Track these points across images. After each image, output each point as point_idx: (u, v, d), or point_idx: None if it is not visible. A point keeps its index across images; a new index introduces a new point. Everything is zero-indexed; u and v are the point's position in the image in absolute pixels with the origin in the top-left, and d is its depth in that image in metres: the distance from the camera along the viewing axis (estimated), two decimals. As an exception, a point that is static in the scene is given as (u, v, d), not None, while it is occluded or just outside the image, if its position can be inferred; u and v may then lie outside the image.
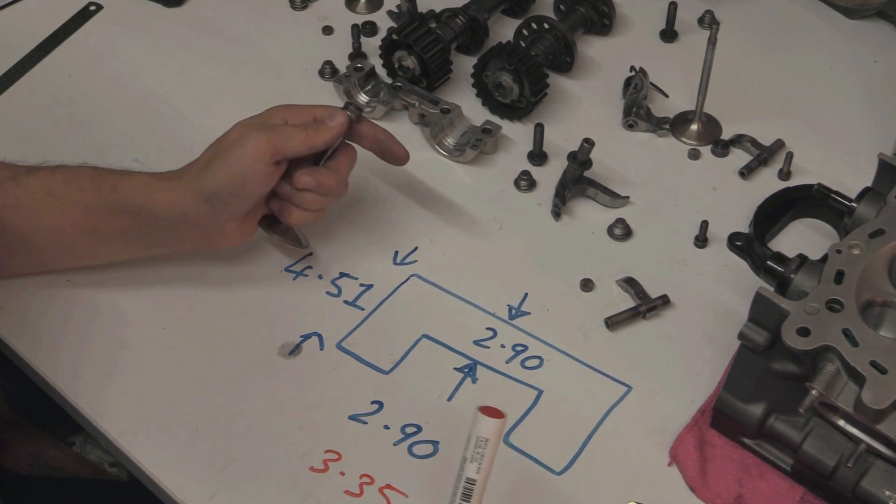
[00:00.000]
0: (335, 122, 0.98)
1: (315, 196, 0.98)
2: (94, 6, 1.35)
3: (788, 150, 1.15)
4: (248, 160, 0.94)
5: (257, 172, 0.95)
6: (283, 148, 0.95)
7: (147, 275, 1.05)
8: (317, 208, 1.00)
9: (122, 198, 0.96)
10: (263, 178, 0.95)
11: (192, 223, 0.97)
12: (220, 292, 1.05)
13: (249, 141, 0.94)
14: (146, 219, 0.97)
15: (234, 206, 0.96)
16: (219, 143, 0.97)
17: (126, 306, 1.03)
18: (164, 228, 0.98)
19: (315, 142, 0.97)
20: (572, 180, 1.11)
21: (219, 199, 0.95)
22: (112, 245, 1.00)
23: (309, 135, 0.97)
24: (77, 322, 1.02)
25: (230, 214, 0.97)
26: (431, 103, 1.19)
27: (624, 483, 0.91)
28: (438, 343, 1.01)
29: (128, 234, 0.98)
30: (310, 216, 1.00)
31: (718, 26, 1.10)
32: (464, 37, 1.26)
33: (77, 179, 0.97)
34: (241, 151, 0.94)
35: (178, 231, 0.98)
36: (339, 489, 0.91)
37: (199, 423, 0.95)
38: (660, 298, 1.03)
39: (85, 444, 1.25)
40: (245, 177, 0.94)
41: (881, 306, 0.84)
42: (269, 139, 0.94)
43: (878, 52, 1.29)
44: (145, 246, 1.01)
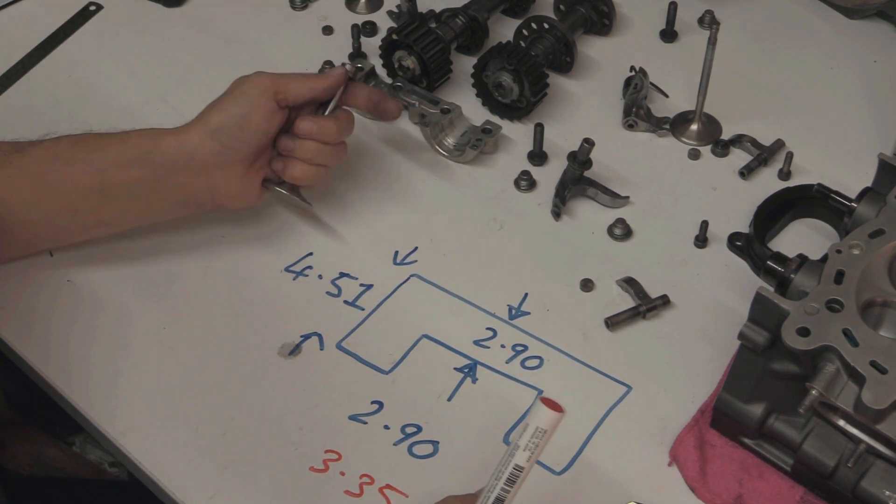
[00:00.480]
0: (334, 72, 1.04)
1: (316, 145, 1.01)
2: (94, 6, 1.35)
3: (788, 150, 1.15)
4: (252, 94, 0.99)
5: (261, 106, 0.99)
6: (286, 86, 1.00)
7: (147, 275, 1.05)
8: (318, 161, 1.02)
9: (130, 147, 0.99)
10: (267, 113, 0.99)
11: (198, 165, 0.99)
12: (220, 292, 1.05)
13: (253, 78, 1.00)
14: (153, 166, 0.98)
15: (239, 140, 0.99)
16: (226, 90, 1.01)
17: (126, 306, 1.03)
18: (170, 176, 0.99)
19: (316, 85, 1.02)
20: (572, 180, 1.11)
21: (224, 133, 0.98)
22: (119, 204, 1.00)
23: (309, 78, 1.02)
24: (77, 322, 1.02)
25: (236, 153, 0.99)
26: (431, 103, 1.19)
27: (624, 483, 0.91)
28: (438, 343, 1.01)
29: (135, 190, 0.99)
30: (312, 171, 1.03)
31: (718, 26, 1.10)
32: (464, 37, 1.26)
33: (84, 141, 1.00)
34: (246, 87, 0.99)
35: (185, 175, 0.99)
36: (339, 489, 0.91)
37: (199, 423, 0.95)
38: (660, 298, 1.03)
39: (85, 444, 1.25)
40: (250, 108, 0.98)
41: (881, 306, 0.84)
42: (272, 77, 1.00)
43: (878, 52, 1.29)
44: (153, 202, 1.01)
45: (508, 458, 0.81)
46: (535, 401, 0.79)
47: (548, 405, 0.79)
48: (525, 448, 0.80)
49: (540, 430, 0.79)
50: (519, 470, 0.81)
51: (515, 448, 0.80)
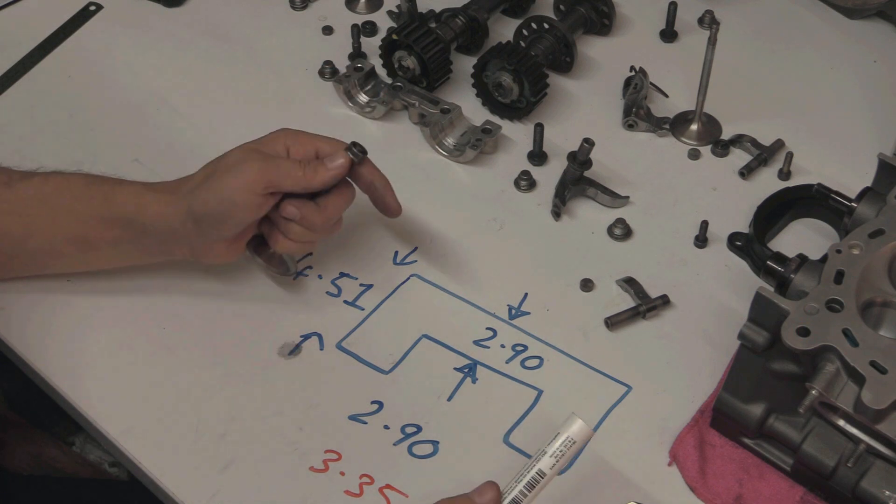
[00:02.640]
0: (335, 164, 0.96)
1: (300, 229, 0.96)
2: (94, 6, 1.35)
3: (788, 150, 1.15)
4: (239, 188, 0.93)
5: (247, 202, 0.93)
6: (277, 182, 0.94)
7: (147, 275, 1.05)
8: (303, 241, 0.98)
9: (113, 208, 0.96)
10: (253, 207, 0.94)
11: (180, 238, 0.97)
12: (220, 292, 1.05)
13: (244, 169, 0.93)
14: (136, 230, 0.97)
15: (221, 229, 0.96)
16: (217, 163, 0.96)
17: (126, 306, 1.03)
18: (153, 240, 0.98)
19: (311, 184, 0.95)
20: (572, 180, 1.11)
21: (206, 223, 0.95)
22: (102, 254, 1.00)
23: (307, 174, 0.95)
24: (77, 322, 1.02)
25: (217, 236, 0.96)
26: (431, 103, 1.19)
27: (624, 483, 0.91)
28: (438, 343, 1.01)
29: (118, 245, 0.98)
30: (296, 247, 0.98)
31: (718, 26, 1.10)
32: (464, 37, 1.26)
33: (69, 188, 0.97)
34: (234, 179, 0.93)
35: (167, 244, 0.98)
36: (339, 489, 0.91)
37: (199, 424, 0.95)
38: (660, 298, 1.03)
39: (85, 444, 1.25)
40: (234, 204, 0.93)
41: (881, 306, 0.84)
42: (264, 171, 0.93)
43: (878, 52, 1.29)
44: (135, 256, 1.01)
45: (533, 462, 0.82)
46: (569, 415, 0.82)
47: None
48: (551, 454, 0.82)
49: (570, 439, 0.81)
50: (541, 475, 0.82)
51: (542, 454, 0.82)
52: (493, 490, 0.82)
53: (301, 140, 0.97)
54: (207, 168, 0.96)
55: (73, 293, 1.04)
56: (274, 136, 0.97)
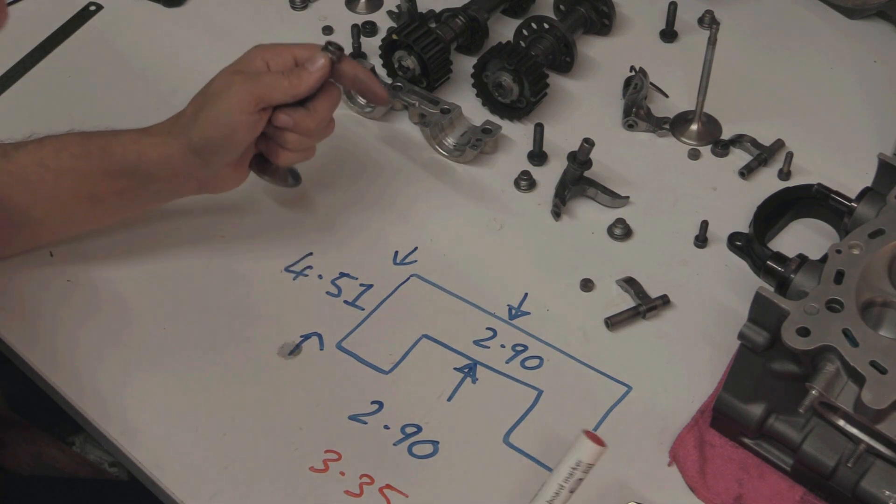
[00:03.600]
0: (316, 66, 0.97)
1: (296, 136, 0.99)
2: (94, 6, 1.35)
3: (788, 150, 1.15)
4: (233, 110, 0.95)
5: (243, 122, 0.95)
6: (267, 97, 0.96)
7: (147, 275, 1.05)
8: (300, 148, 1.00)
9: (113, 160, 0.97)
10: (249, 126, 0.96)
11: (185, 175, 0.98)
12: (221, 292, 1.05)
13: (234, 91, 0.95)
14: (141, 177, 0.98)
15: (224, 155, 0.98)
16: (203, 93, 0.97)
17: (126, 306, 1.03)
18: (158, 183, 0.99)
19: (298, 90, 0.96)
20: (572, 180, 1.11)
21: (208, 151, 0.97)
22: (110, 206, 1.01)
23: (292, 83, 0.96)
24: (77, 322, 1.02)
25: (220, 163, 0.99)
26: (431, 103, 1.19)
27: (624, 483, 0.91)
28: (438, 343, 1.01)
29: (124, 194, 0.99)
30: (295, 156, 1.01)
31: (718, 26, 1.10)
32: (464, 37, 1.26)
33: (66, 147, 0.98)
34: (227, 103, 0.95)
35: (174, 183, 1.00)
36: (339, 489, 0.91)
37: (199, 423, 0.95)
38: (660, 298, 1.03)
39: (85, 444, 1.25)
40: (232, 127, 0.95)
41: (881, 306, 0.84)
42: (252, 89, 0.95)
43: (878, 52, 1.29)
44: (143, 202, 1.02)
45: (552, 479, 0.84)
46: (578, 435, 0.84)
47: (591, 439, 0.82)
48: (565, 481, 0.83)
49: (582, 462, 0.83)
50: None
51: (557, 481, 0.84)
52: None
53: (278, 51, 0.99)
54: (196, 100, 0.98)
55: (74, 293, 1.04)
56: (251, 53, 0.99)
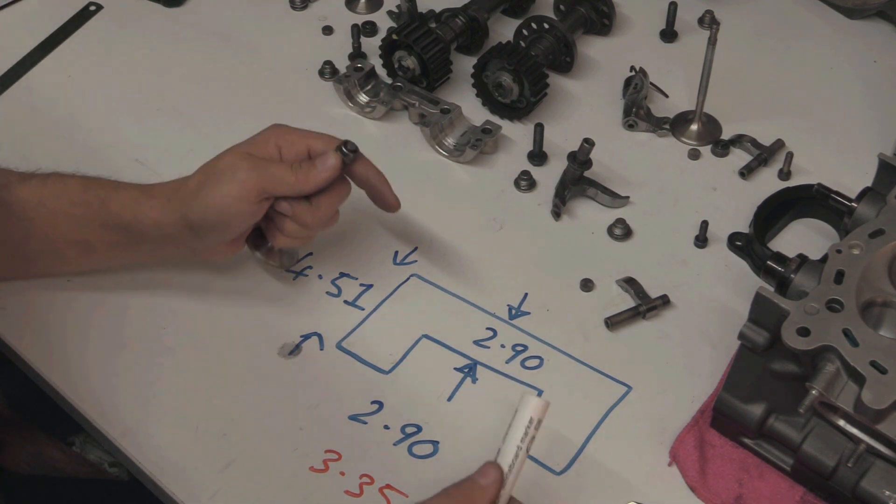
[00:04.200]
0: (326, 166, 0.94)
1: (295, 225, 0.96)
2: (94, 6, 1.35)
3: (788, 150, 1.15)
4: (232, 197, 0.92)
5: (241, 211, 0.93)
6: (270, 189, 0.93)
7: (147, 275, 1.05)
8: (298, 237, 0.98)
9: (110, 214, 0.97)
10: (248, 215, 0.94)
11: (178, 243, 0.97)
12: (220, 292, 1.05)
13: (238, 178, 0.92)
14: (134, 236, 0.97)
15: (218, 235, 0.96)
16: (209, 168, 0.95)
17: (126, 306, 1.03)
18: (151, 245, 0.98)
19: (304, 188, 0.94)
20: (572, 180, 1.11)
21: (203, 230, 0.95)
22: (102, 255, 1.00)
23: (298, 179, 0.94)
24: (77, 322, 1.02)
25: (214, 241, 0.97)
26: (431, 103, 1.19)
27: (624, 483, 0.91)
28: (438, 343, 1.01)
29: (117, 247, 0.99)
30: (292, 242, 0.99)
31: (718, 26, 1.10)
32: (464, 37, 1.26)
33: (67, 192, 0.97)
34: (229, 187, 0.92)
35: (166, 247, 0.99)
36: (339, 489, 0.91)
37: (199, 423, 0.95)
38: (660, 298, 1.03)
39: (85, 444, 1.25)
40: (228, 214, 0.93)
41: (881, 306, 0.84)
42: (257, 179, 0.92)
43: (878, 52, 1.29)
44: (136, 257, 1.02)
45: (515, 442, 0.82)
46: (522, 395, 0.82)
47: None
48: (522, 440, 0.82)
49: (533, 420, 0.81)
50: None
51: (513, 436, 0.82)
52: (495, 470, 0.81)
53: (292, 139, 0.96)
54: (200, 173, 0.95)
55: (73, 293, 1.04)
56: (265, 135, 0.96)
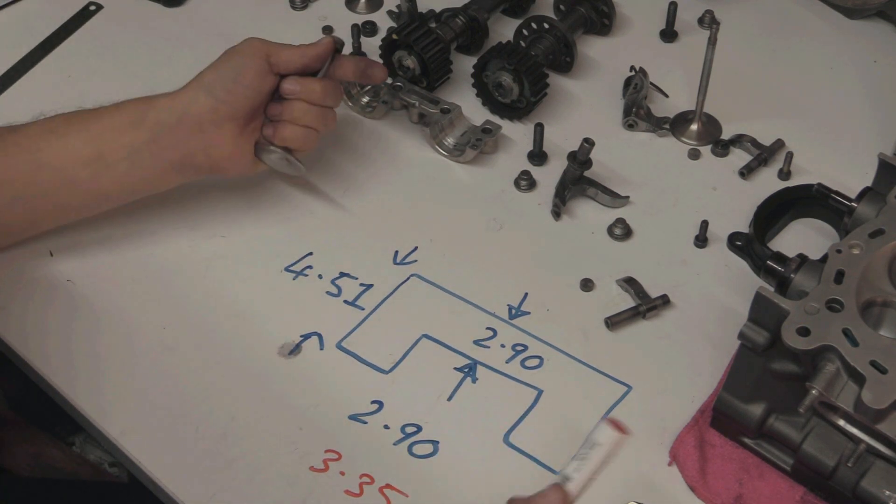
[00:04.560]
0: (321, 42, 1.05)
1: (303, 105, 1.03)
2: (94, 6, 1.35)
3: (788, 150, 1.15)
4: (245, 53, 1.02)
5: (254, 65, 1.01)
6: (277, 51, 1.02)
7: (147, 274, 1.05)
8: (306, 122, 1.03)
9: (124, 112, 1.00)
10: (260, 71, 1.01)
11: (192, 121, 1.00)
12: (220, 292, 1.05)
13: (248, 43, 1.03)
14: (149, 127, 0.99)
15: (233, 95, 1.01)
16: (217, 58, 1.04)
17: (126, 306, 1.03)
18: (166, 135, 1.00)
19: (306, 52, 1.03)
20: (572, 180, 1.11)
21: (218, 88, 1.00)
22: (117, 171, 1.00)
23: (301, 48, 1.04)
24: (77, 322, 1.02)
25: (229, 107, 1.01)
26: (431, 103, 1.19)
27: (624, 483, 0.91)
28: (438, 343, 1.01)
29: (132, 153, 1.00)
30: (301, 133, 1.04)
31: (718, 26, 1.10)
32: (464, 37, 1.26)
33: (77, 114, 1.01)
34: (239, 48, 1.03)
35: (181, 135, 1.00)
36: (339, 489, 0.91)
37: (199, 423, 0.95)
38: (660, 298, 1.03)
39: (85, 444, 1.25)
40: (243, 66, 1.01)
41: (881, 306, 0.84)
42: (264, 41, 1.03)
43: (878, 52, 1.29)
44: (150, 168, 1.01)
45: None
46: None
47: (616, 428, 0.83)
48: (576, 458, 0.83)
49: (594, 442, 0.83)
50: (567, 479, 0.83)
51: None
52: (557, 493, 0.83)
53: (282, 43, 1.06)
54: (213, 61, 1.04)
55: (74, 293, 1.04)
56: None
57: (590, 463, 0.82)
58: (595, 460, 0.82)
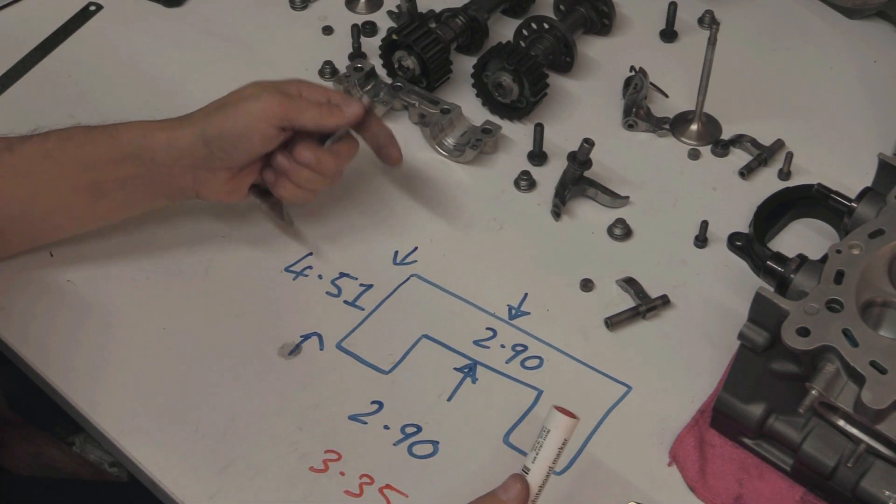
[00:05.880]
0: (350, 110, 1.00)
1: (312, 175, 1.00)
2: (94, 6, 1.35)
3: (788, 150, 1.15)
4: (255, 115, 0.96)
5: (261, 131, 0.96)
6: (293, 116, 0.97)
7: (148, 275, 1.05)
8: (310, 188, 1.01)
9: (119, 145, 0.98)
10: (265, 138, 0.97)
11: (186, 164, 0.98)
12: (220, 292, 1.05)
13: (263, 99, 0.96)
14: (144, 162, 0.98)
15: (230, 155, 0.98)
16: (232, 94, 0.99)
17: (126, 306, 1.03)
18: (159, 172, 0.98)
19: (327, 122, 0.98)
20: (572, 180, 1.11)
21: (217, 145, 0.97)
22: (111, 200, 1.00)
23: (322, 114, 0.98)
24: (77, 322, 1.02)
25: (224, 163, 0.98)
26: (431, 103, 1.19)
27: (624, 483, 0.91)
28: (438, 343, 1.01)
29: (126, 185, 0.99)
30: (301, 194, 1.01)
31: (718, 26, 1.10)
32: (464, 37, 1.26)
33: (72, 138, 0.98)
34: (252, 106, 0.96)
35: (172, 172, 0.99)
36: (339, 489, 0.91)
37: (199, 423, 0.95)
38: (660, 298, 1.03)
39: (85, 444, 1.25)
40: (249, 130, 0.96)
41: (881, 306, 0.84)
42: (282, 103, 0.96)
43: (878, 52, 1.29)
44: (142, 195, 1.01)
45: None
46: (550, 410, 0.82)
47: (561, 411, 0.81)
48: (532, 448, 0.82)
49: (545, 429, 0.81)
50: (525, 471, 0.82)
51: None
52: (519, 485, 0.82)
53: (314, 87, 1.01)
54: (220, 99, 0.99)
55: (74, 293, 1.04)
56: (289, 80, 1.01)
57: (544, 451, 0.82)
58: (549, 448, 0.82)
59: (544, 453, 0.82)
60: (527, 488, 0.81)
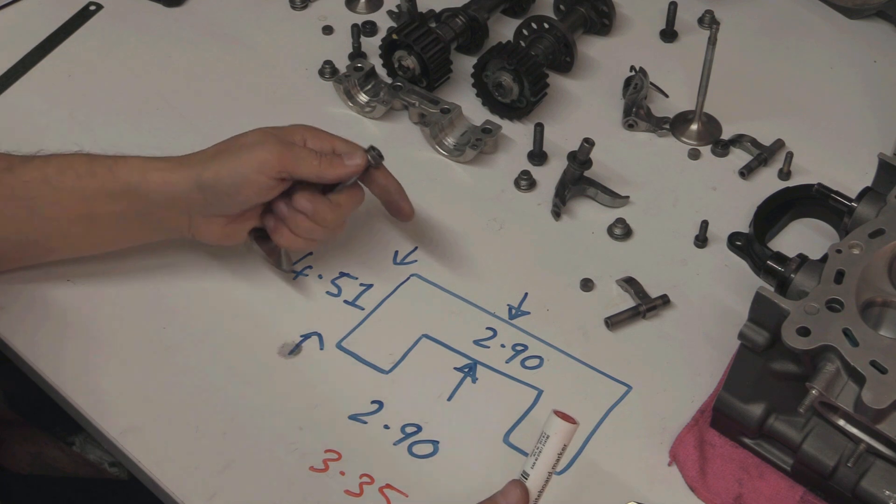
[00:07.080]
0: (352, 161, 0.97)
1: (310, 224, 0.97)
2: (94, 6, 1.35)
3: (788, 150, 1.15)
4: (253, 166, 0.94)
5: (258, 182, 0.94)
6: (291, 168, 0.95)
7: (147, 275, 1.05)
8: (309, 237, 0.99)
9: (117, 180, 0.96)
10: (263, 189, 0.95)
11: (181, 208, 0.97)
12: (220, 292, 1.05)
13: (263, 149, 0.94)
14: (140, 200, 0.97)
15: (226, 204, 0.96)
16: (233, 140, 0.97)
17: (126, 306, 1.03)
18: (155, 211, 0.98)
19: (326, 174, 0.96)
20: (572, 180, 1.11)
21: (212, 193, 0.95)
22: (107, 232, 1.00)
23: (322, 165, 0.96)
24: (77, 322, 1.02)
25: (220, 210, 0.97)
26: (431, 103, 1.19)
27: (624, 483, 0.91)
28: (438, 343, 1.01)
29: (122, 220, 0.98)
30: (300, 242, 0.99)
31: (718, 26, 1.10)
32: (464, 37, 1.26)
33: (72, 166, 0.98)
34: (250, 156, 0.94)
35: (168, 213, 0.98)
36: (339, 489, 0.91)
37: (199, 423, 0.95)
38: (660, 298, 1.03)
39: (85, 444, 1.25)
40: (245, 181, 0.94)
41: (881, 306, 0.84)
42: (281, 154, 0.94)
43: (878, 52, 1.29)
44: (138, 231, 1.01)
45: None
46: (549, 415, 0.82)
47: (560, 416, 0.81)
48: (531, 454, 0.82)
49: (544, 434, 0.81)
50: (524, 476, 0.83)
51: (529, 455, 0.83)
52: (519, 490, 0.82)
53: (319, 135, 0.98)
54: (221, 144, 0.97)
55: (74, 293, 1.04)
56: (292, 127, 0.99)
57: (544, 456, 0.82)
58: (548, 453, 0.82)
59: (543, 458, 0.82)
60: (526, 494, 0.82)
